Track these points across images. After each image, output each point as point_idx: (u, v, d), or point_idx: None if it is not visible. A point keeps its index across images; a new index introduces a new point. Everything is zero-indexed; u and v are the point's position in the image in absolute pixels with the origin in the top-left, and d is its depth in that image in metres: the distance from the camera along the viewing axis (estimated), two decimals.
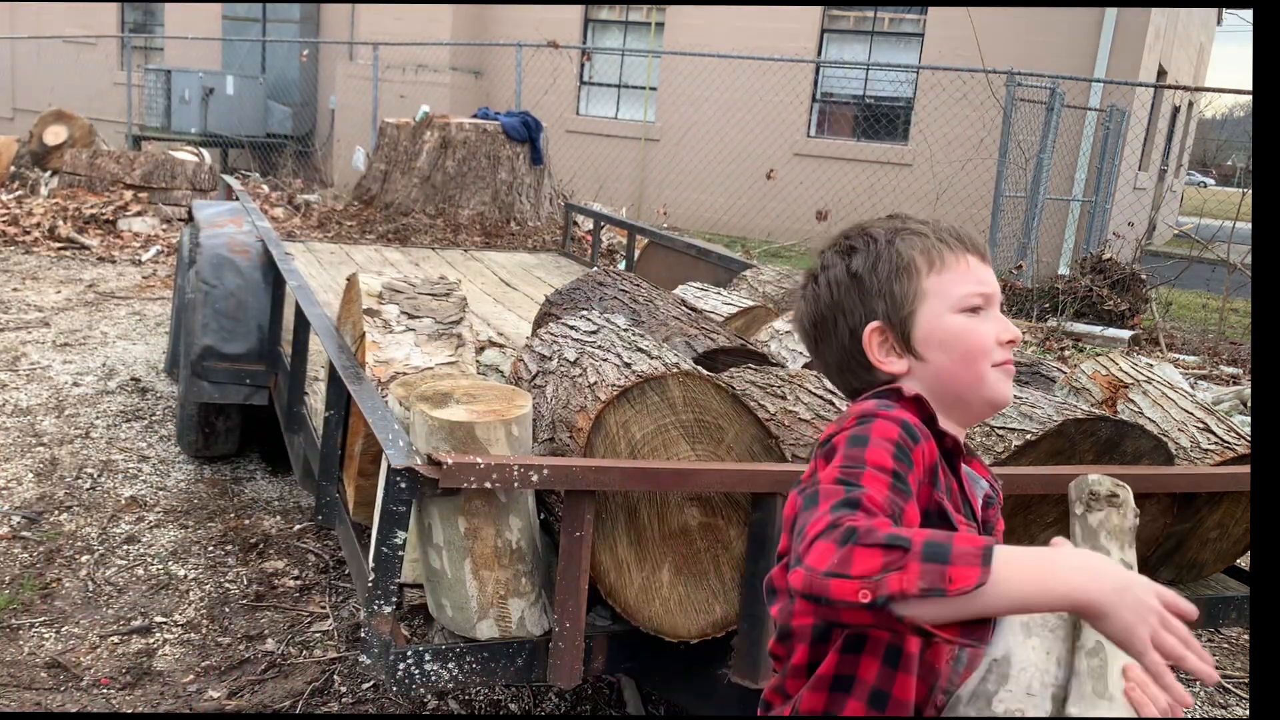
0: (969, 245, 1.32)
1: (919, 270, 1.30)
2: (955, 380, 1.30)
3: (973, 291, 1.30)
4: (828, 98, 13.89)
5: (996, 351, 1.30)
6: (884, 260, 1.31)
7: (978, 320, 1.30)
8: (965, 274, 1.31)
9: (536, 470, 1.88)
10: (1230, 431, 2.56)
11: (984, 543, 1.00)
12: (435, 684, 1.97)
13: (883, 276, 1.31)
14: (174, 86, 14.88)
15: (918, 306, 1.30)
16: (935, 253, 1.31)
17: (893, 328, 1.31)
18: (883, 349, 1.32)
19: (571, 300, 3.34)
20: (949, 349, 1.29)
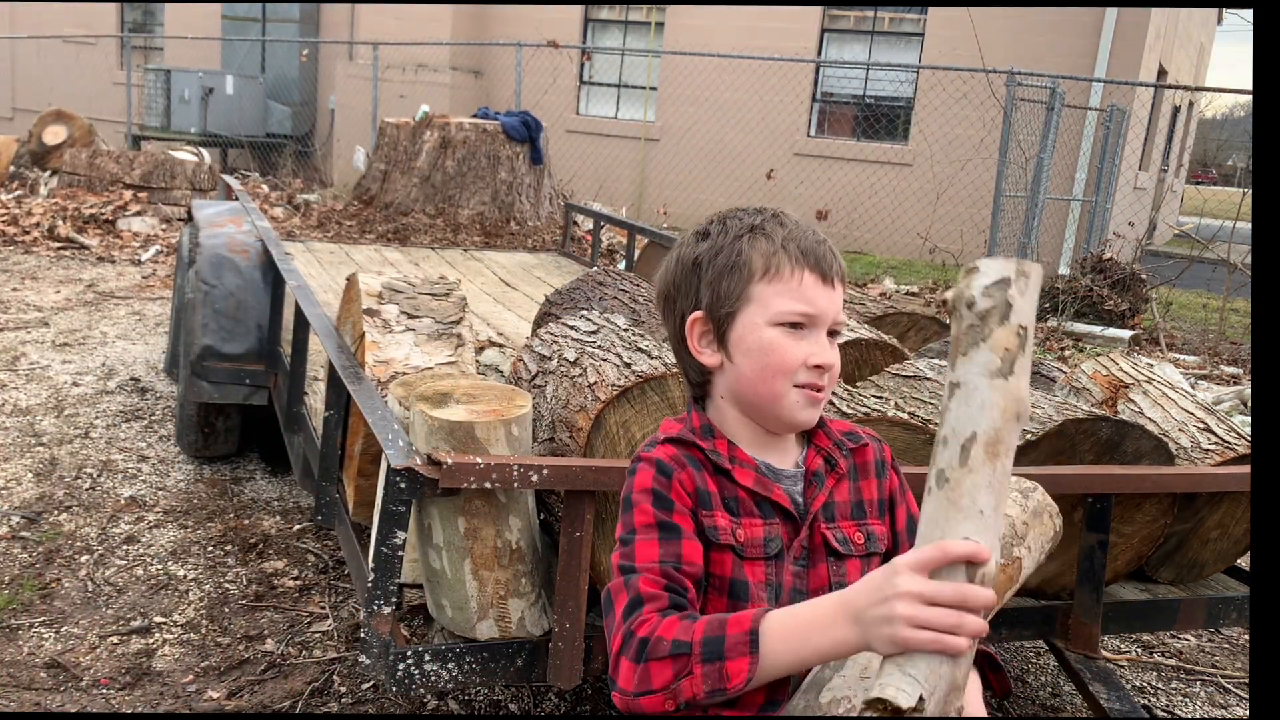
0: (812, 262, 1.31)
1: (752, 273, 1.31)
2: (753, 391, 1.31)
3: (794, 309, 1.29)
4: (828, 98, 13.89)
5: (801, 373, 1.29)
6: (723, 254, 1.33)
7: (791, 338, 1.29)
8: (794, 290, 1.30)
9: (536, 470, 1.88)
10: (1230, 431, 2.56)
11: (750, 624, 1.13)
12: (435, 684, 1.97)
13: (717, 269, 1.32)
14: (174, 86, 14.89)
15: (739, 308, 1.31)
16: (774, 260, 1.30)
17: (713, 321, 1.33)
18: (702, 339, 1.35)
19: (571, 300, 3.34)
20: (753, 358, 1.30)
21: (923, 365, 2.69)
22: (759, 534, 1.30)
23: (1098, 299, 9.00)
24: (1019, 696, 3.07)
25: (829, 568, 1.33)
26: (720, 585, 1.28)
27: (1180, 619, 2.59)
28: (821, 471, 1.36)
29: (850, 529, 1.36)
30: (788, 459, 1.37)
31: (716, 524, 1.29)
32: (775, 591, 1.29)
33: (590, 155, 14.31)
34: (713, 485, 1.30)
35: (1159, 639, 3.51)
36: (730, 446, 1.33)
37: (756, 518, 1.31)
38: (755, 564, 1.29)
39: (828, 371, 1.31)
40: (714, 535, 1.28)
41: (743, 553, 1.29)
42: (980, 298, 1.03)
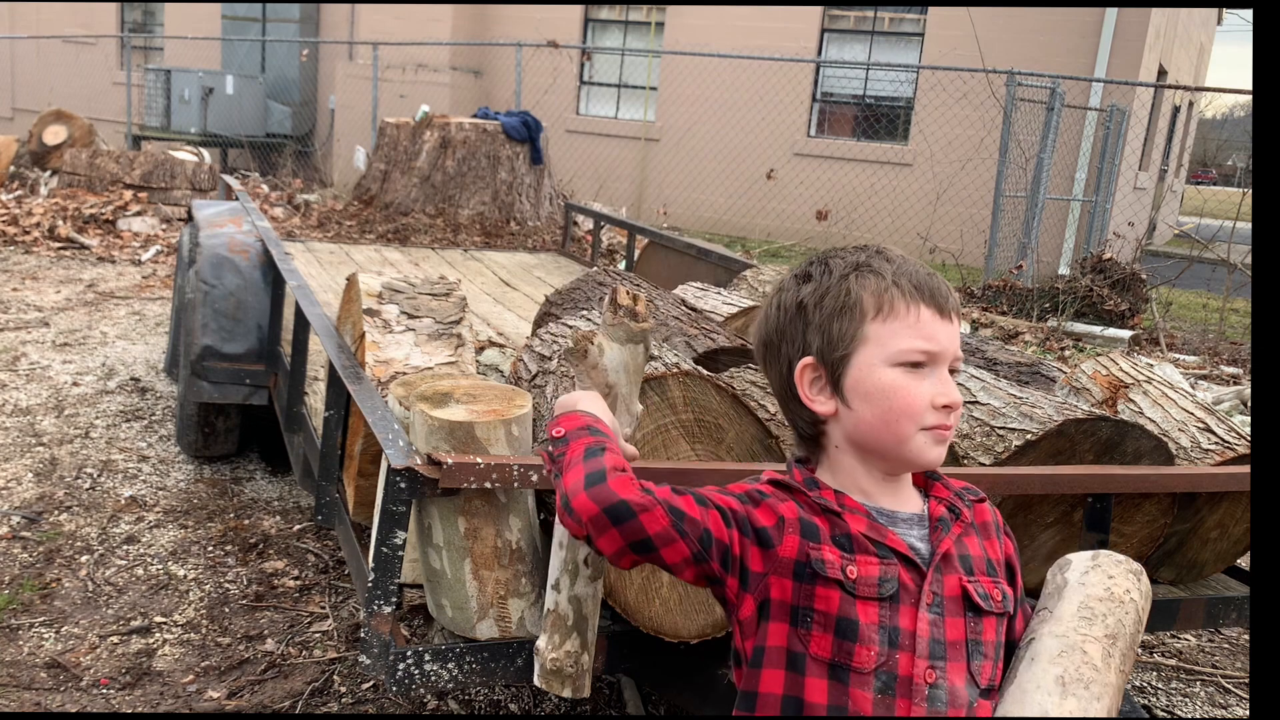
0: (927, 296, 1.24)
1: (864, 313, 1.24)
2: (876, 436, 1.24)
3: (915, 347, 1.22)
4: (828, 98, 13.89)
5: (928, 415, 1.23)
6: (831, 295, 1.26)
7: (914, 378, 1.23)
8: (912, 326, 1.23)
9: (536, 470, 1.88)
10: (1230, 431, 2.56)
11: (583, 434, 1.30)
12: (435, 684, 1.97)
13: (825, 312, 1.26)
14: (174, 86, 14.89)
15: (854, 350, 1.24)
16: (886, 297, 1.23)
17: (825, 367, 1.26)
18: (813, 386, 1.28)
19: (571, 300, 3.34)
20: (874, 403, 1.23)
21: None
22: (874, 573, 1.22)
23: (1098, 299, 9.01)
24: None
25: (967, 622, 1.25)
26: (825, 622, 1.20)
27: (1180, 619, 2.59)
28: (947, 518, 1.29)
29: (989, 585, 1.29)
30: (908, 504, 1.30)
31: (824, 557, 1.21)
32: (891, 635, 1.21)
33: (590, 155, 14.32)
34: (821, 522, 1.24)
35: (1159, 639, 3.51)
36: (838, 495, 1.27)
37: (873, 556, 1.23)
38: (869, 604, 1.21)
39: (955, 409, 1.24)
40: (820, 568, 1.20)
41: (854, 590, 1.21)
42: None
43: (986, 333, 8.29)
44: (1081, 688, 1.23)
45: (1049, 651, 1.27)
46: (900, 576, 1.23)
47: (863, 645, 1.19)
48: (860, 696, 1.19)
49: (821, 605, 1.20)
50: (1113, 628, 1.32)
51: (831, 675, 1.19)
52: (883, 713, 1.19)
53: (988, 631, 1.27)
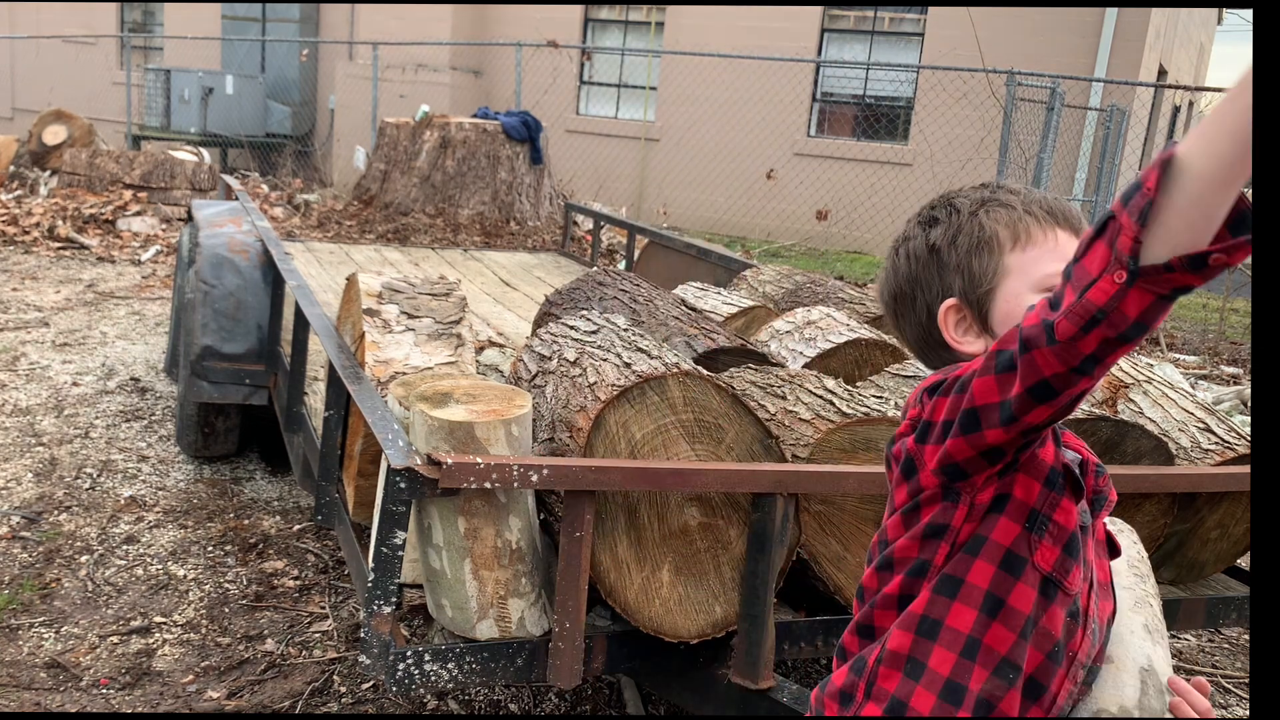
0: (1060, 219, 1.22)
1: (1001, 245, 1.21)
2: None
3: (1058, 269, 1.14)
4: (828, 97, 13.89)
5: None
6: (964, 233, 1.23)
7: None
8: (1052, 250, 1.20)
9: (536, 470, 1.88)
10: (1230, 431, 2.56)
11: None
12: (435, 684, 1.97)
13: (962, 250, 1.23)
14: (173, 86, 14.89)
15: (997, 284, 1.21)
16: (1021, 226, 1.21)
17: (970, 305, 1.23)
18: (959, 327, 1.24)
19: (571, 300, 3.34)
20: None
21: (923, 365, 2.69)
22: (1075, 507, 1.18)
23: None
24: None
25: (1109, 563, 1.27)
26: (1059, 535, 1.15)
27: (1180, 619, 2.59)
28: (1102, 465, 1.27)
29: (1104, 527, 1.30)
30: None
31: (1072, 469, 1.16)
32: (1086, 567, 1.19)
33: (590, 155, 14.31)
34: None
35: None
36: None
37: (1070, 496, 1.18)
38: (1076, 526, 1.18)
39: None
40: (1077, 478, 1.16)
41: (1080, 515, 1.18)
42: None
43: None
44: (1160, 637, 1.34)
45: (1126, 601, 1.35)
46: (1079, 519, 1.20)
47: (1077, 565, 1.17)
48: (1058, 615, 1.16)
49: (1061, 518, 1.15)
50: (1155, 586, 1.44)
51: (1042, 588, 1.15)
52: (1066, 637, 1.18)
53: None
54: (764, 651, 2.05)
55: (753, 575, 2.05)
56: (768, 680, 2.06)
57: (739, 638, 2.08)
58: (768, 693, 2.05)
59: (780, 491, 2.00)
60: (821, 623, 2.22)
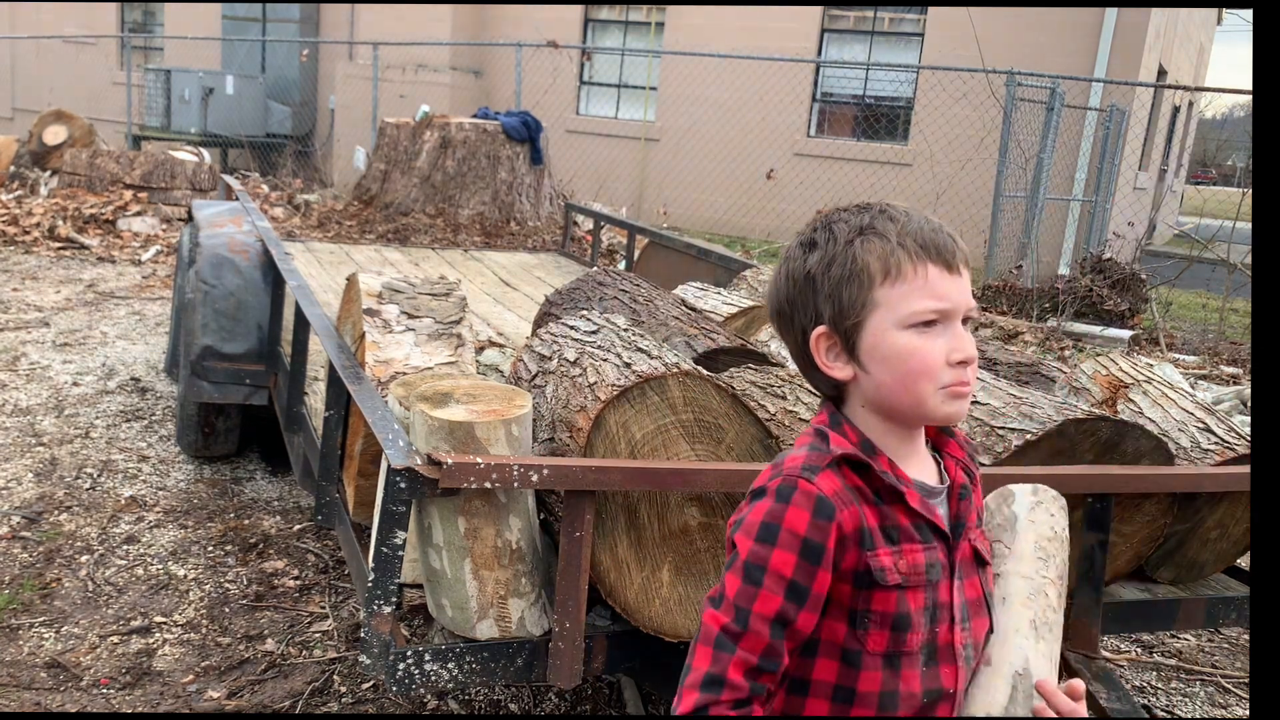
0: (934, 254, 1.23)
1: (871, 278, 1.23)
2: (895, 398, 1.24)
3: (924, 308, 1.21)
4: (828, 98, 13.89)
5: (944, 373, 1.22)
6: (837, 262, 1.25)
7: (926, 338, 1.22)
8: (920, 287, 1.22)
9: (536, 470, 1.88)
10: (1230, 431, 2.56)
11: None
12: (435, 684, 1.97)
13: (833, 280, 1.25)
14: (174, 86, 14.89)
15: (865, 317, 1.23)
16: (892, 260, 1.22)
17: (839, 334, 1.26)
18: (830, 354, 1.27)
19: (571, 300, 3.34)
20: (890, 366, 1.23)
21: None
22: (920, 560, 1.24)
23: (1098, 299, 9.01)
24: None
25: (980, 578, 1.32)
26: (883, 621, 1.23)
27: (1180, 619, 2.59)
28: (968, 486, 1.32)
29: (980, 536, 1.35)
30: (930, 471, 1.31)
31: (882, 564, 1.22)
32: (932, 614, 1.25)
33: (590, 155, 14.32)
34: (872, 519, 1.23)
35: (1159, 639, 3.51)
36: (892, 465, 1.26)
37: (917, 543, 1.25)
38: (917, 592, 1.24)
39: (971, 363, 1.23)
40: (880, 578, 1.22)
41: (906, 584, 1.23)
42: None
43: (986, 333, 8.29)
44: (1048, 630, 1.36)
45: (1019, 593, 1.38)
46: (940, 558, 1.26)
47: (913, 632, 1.24)
48: (910, 676, 1.24)
49: (879, 607, 1.22)
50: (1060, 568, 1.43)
51: (885, 665, 1.23)
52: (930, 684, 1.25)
53: (989, 580, 1.36)
54: None
55: None
56: None
57: None
58: None
59: None
60: None
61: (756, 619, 1.19)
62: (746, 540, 1.22)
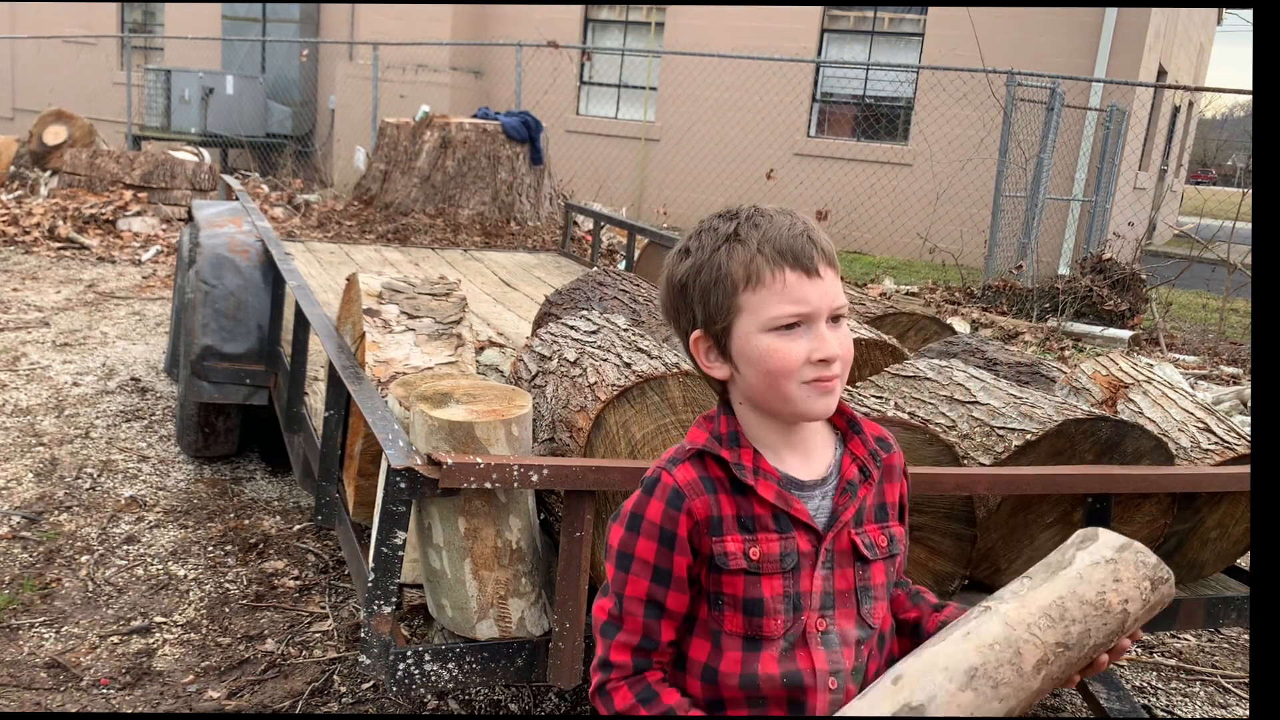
0: (791, 261, 1.28)
1: (735, 285, 1.29)
2: (763, 396, 1.31)
3: (783, 313, 1.28)
4: (828, 98, 13.89)
5: (805, 370, 1.28)
6: (704, 270, 1.32)
7: (785, 340, 1.28)
8: (778, 293, 1.28)
9: (536, 470, 1.88)
10: (1230, 431, 2.56)
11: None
12: (435, 684, 1.97)
13: (701, 286, 1.32)
14: (174, 86, 14.89)
15: (732, 321, 1.30)
16: (753, 267, 1.29)
17: (712, 337, 1.33)
18: (708, 355, 1.35)
19: (571, 300, 3.35)
20: (755, 367, 1.29)
21: (922, 365, 2.70)
22: (775, 549, 1.31)
23: (1098, 299, 9.01)
24: None
25: (855, 571, 1.35)
26: (735, 603, 1.31)
27: (1180, 619, 2.59)
28: (856, 481, 1.36)
29: (875, 532, 1.37)
30: (818, 465, 1.36)
31: (726, 550, 1.30)
32: (794, 601, 1.31)
33: (590, 155, 14.32)
34: (728, 507, 1.31)
35: (1159, 639, 3.51)
36: (755, 457, 1.33)
37: (773, 533, 1.31)
38: (772, 579, 1.31)
39: (833, 361, 1.29)
40: (723, 563, 1.30)
41: (758, 570, 1.30)
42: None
43: (986, 333, 8.29)
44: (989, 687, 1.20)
45: (986, 636, 1.22)
46: (799, 547, 1.32)
47: (769, 617, 1.31)
48: (767, 658, 1.31)
49: (729, 590, 1.31)
50: (1074, 639, 1.23)
51: (745, 646, 1.32)
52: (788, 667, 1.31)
53: (876, 576, 1.36)
54: None
55: None
56: None
57: None
58: None
59: None
60: None
61: (631, 602, 1.32)
62: (619, 530, 1.34)
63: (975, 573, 2.37)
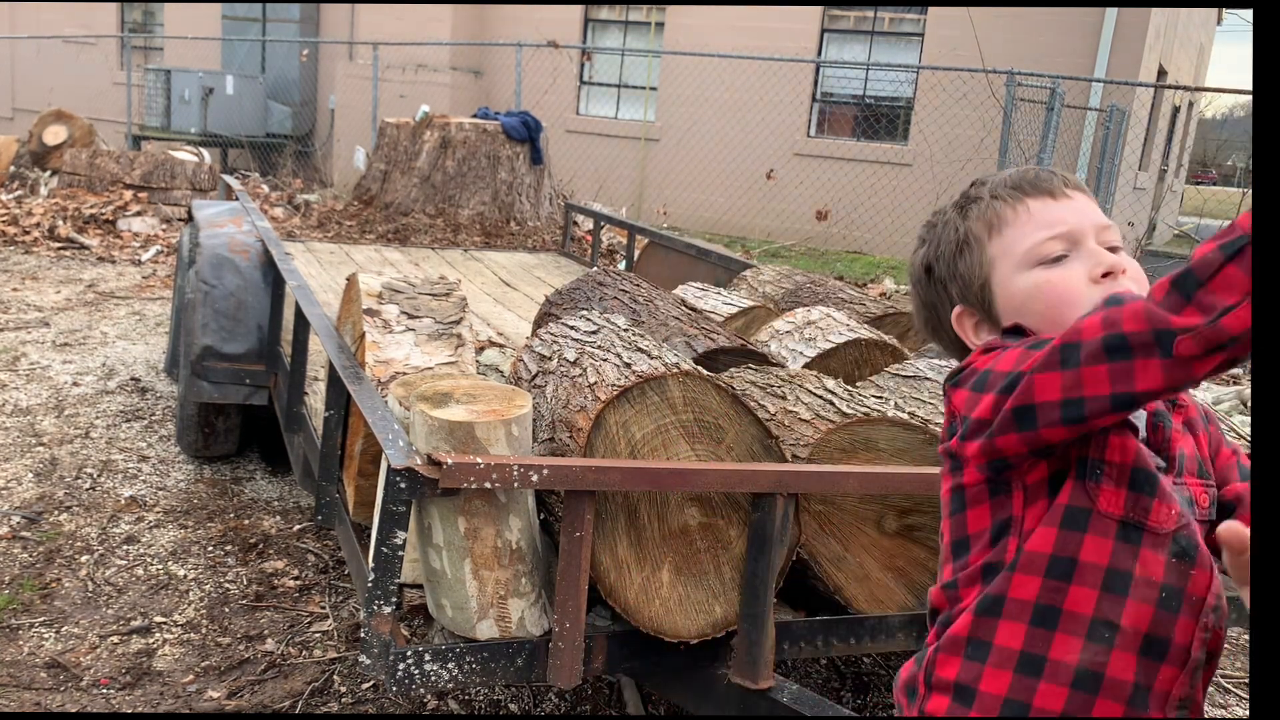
0: (1027, 188, 1.18)
1: (978, 239, 1.20)
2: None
3: (1039, 239, 1.15)
4: (828, 98, 13.89)
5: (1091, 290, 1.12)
6: (945, 242, 1.24)
7: (1058, 268, 1.14)
8: (1026, 223, 1.17)
9: (536, 470, 1.88)
10: (1230, 431, 2.56)
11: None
12: (435, 684, 1.97)
13: (947, 259, 1.23)
14: (174, 86, 14.89)
15: (988, 276, 1.19)
16: (991, 213, 1.19)
17: (975, 306, 1.22)
18: (977, 330, 1.23)
19: (571, 300, 3.35)
20: (1032, 310, 1.15)
21: (923, 365, 2.69)
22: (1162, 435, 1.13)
23: None
24: None
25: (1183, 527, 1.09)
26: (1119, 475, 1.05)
27: None
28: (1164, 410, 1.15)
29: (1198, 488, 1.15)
30: None
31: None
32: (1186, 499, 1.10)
33: (590, 155, 14.32)
34: None
35: None
36: None
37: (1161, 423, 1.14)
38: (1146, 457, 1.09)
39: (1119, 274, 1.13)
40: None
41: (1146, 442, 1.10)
42: None
43: None
44: None
45: None
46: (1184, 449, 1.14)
47: (1162, 501, 1.06)
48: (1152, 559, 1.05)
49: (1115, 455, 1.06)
50: None
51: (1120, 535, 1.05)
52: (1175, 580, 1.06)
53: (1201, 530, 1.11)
54: (764, 651, 2.06)
55: (753, 575, 2.05)
56: (768, 680, 2.06)
57: (739, 638, 2.08)
58: (767, 693, 2.06)
59: (780, 491, 2.00)
60: (821, 623, 2.22)
61: None
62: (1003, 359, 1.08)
63: None
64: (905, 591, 2.25)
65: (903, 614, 2.24)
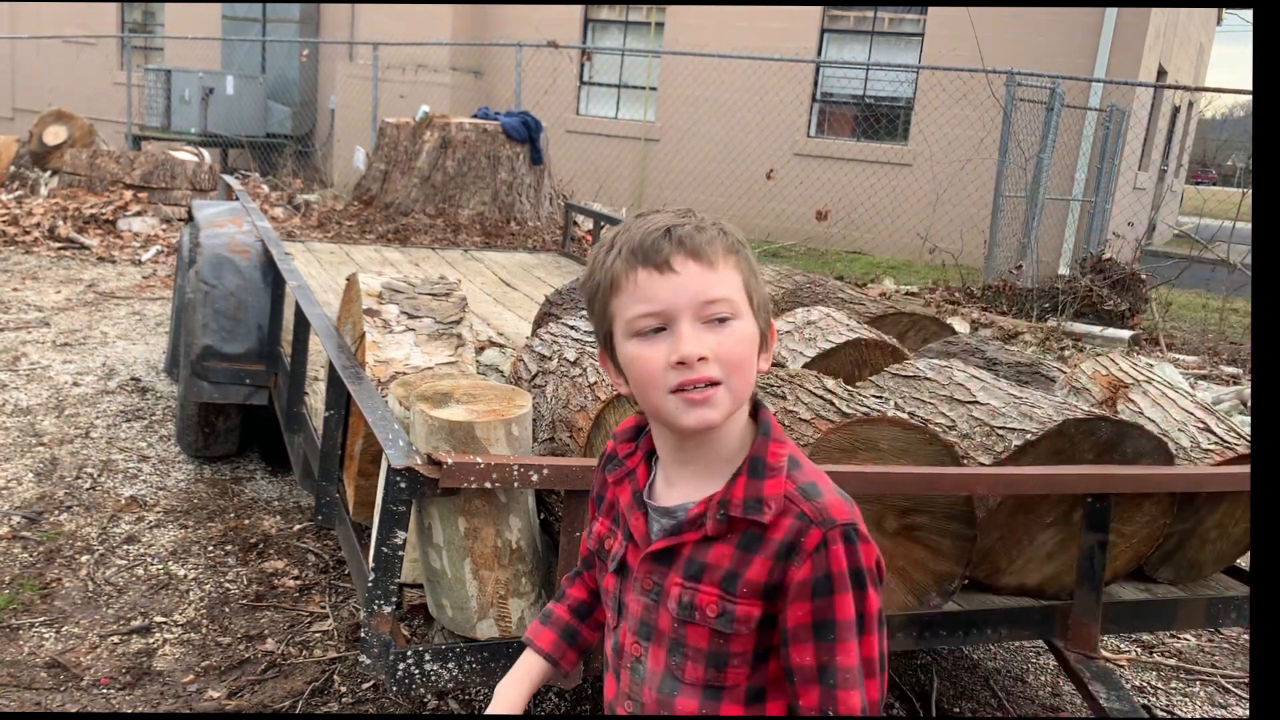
0: (641, 259, 1.17)
1: (606, 292, 1.21)
2: (646, 409, 1.22)
3: (637, 314, 1.17)
4: (828, 98, 13.89)
5: (667, 376, 1.15)
6: (588, 282, 1.25)
7: (647, 345, 1.17)
8: (631, 294, 1.17)
9: (536, 470, 1.88)
10: (1230, 431, 2.57)
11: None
12: (435, 684, 1.98)
13: (588, 299, 1.26)
14: (174, 86, 14.90)
15: (612, 329, 1.22)
16: (614, 272, 1.19)
17: (606, 350, 1.25)
18: (611, 372, 1.27)
19: (571, 300, 3.35)
20: (630, 377, 1.21)
21: (922, 365, 2.70)
22: (617, 548, 1.30)
23: (1097, 299, 9.01)
24: (1019, 696, 3.07)
25: (672, 621, 1.22)
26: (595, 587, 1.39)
27: (1180, 619, 2.59)
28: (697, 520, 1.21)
29: (709, 597, 1.19)
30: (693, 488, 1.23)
31: (593, 530, 1.36)
32: (618, 606, 1.30)
33: (590, 155, 14.32)
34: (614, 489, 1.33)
35: (1159, 639, 3.51)
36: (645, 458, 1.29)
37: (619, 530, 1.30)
38: (610, 575, 1.31)
39: (694, 366, 1.14)
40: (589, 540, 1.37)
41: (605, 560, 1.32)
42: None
43: (986, 333, 8.29)
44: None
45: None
46: (626, 556, 1.28)
47: (605, 609, 1.35)
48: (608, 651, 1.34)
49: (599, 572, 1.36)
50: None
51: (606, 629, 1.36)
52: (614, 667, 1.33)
53: (692, 637, 1.21)
54: None
55: None
56: None
57: None
58: None
59: None
60: None
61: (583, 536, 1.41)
62: None
63: (975, 573, 2.37)
64: (905, 591, 2.25)
65: (902, 614, 2.25)
